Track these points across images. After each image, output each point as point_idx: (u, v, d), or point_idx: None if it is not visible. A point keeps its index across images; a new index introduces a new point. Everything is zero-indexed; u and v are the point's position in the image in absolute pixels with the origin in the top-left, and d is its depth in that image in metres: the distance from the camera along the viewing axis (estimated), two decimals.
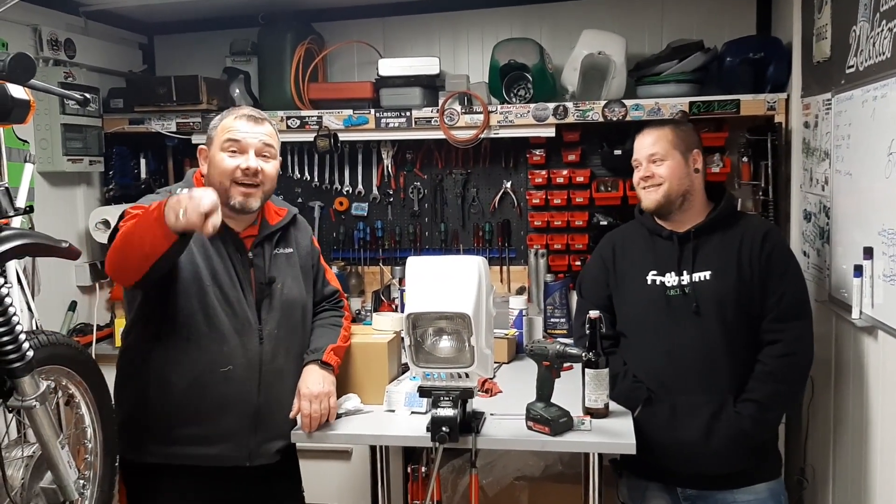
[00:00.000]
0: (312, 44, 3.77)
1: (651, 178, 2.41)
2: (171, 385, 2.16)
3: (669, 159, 2.39)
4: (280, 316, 2.28)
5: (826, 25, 2.65)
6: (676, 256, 2.40)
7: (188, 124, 3.67)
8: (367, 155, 3.89)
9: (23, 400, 1.61)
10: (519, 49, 3.41)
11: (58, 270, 3.42)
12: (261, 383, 2.23)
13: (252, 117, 2.22)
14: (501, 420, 2.34)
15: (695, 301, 2.34)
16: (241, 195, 2.18)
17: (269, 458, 2.28)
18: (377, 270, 3.92)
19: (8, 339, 1.55)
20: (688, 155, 2.41)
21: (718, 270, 2.35)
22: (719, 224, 2.41)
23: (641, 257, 2.48)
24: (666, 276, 2.40)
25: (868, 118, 2.26)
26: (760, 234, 2.37)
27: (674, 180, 2.39)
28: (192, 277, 2.15)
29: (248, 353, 2.21)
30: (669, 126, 2.46)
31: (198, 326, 2.16)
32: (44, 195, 3.38)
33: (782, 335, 2.30)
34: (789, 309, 2.31)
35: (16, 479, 1.68)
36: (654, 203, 2.42)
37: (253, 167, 2.17)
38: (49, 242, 1.75)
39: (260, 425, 2.24)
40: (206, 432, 2.19)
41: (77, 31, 3.59)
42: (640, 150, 2.45)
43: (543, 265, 3.67)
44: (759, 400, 2.28)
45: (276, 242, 2.34)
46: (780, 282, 2.32)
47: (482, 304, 2.11)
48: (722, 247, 2.38)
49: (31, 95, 1.73)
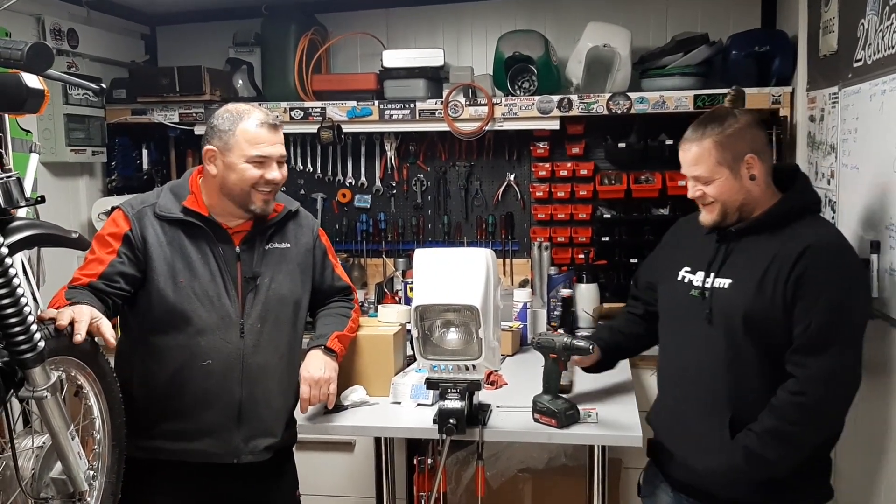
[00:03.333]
0: (316, 35, 3.76)
1: (702, 197, 2.15)
2: (152, 380, 2.17)
3: (717, 177, 2.10)
4: (264, 311, 2.26)
5: (833, 19, 2.65)
6: (710, 256, 2.19)
7: (191, 115, 3.66)
8: (371, 147, 3.89)
9: (34, 390, 1.61)
10: (524, 41, 3.40)
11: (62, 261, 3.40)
12: (243, 378, 2.22)
13: (272, 126, 2.23)
14: (508, 412, 2.35)
15: (709, 308, 2.14)
16: (263, 201, 2.23)
17: (257, 457, 2.26)
18: (380, 263, 3.92)
19: (20, 330, 1.55)
20: (738, 165, 2.08)
21: (738, 281, 2.11)
22: (766, 226, 2.12)
23: (686, 250, 2.30)
24: (696, 276, 2.20)
25: (876, 112, 2.25)
26: (799, 249, 2.02)
27: (726, 198, 2.11)
28: (167, 274, 2.19)
29: (228, 346, 2.21)
30: (711, 137, 2.10)
31: (174, 322, 2.18)
32: (46, 185, 3.37)
33: (799, 370, 2.01)
34: (814, 343, 1.99)
35: (26, 469, 1.68)
36: (711, 223, 2.17)
37: (280, 178, 2.23)
38: (59, 233, 1.75)
39: (244, 421, 2.23)
40: (188, 427, 2.20)
41: (80, 22, 3.57)
42: (685, 168, 2.18)
43: (547, 258, 3.67)
44: (758, 433, 2.04)
45: (271, 237, 2.33)
46: (809, 310, 1.99)
47: (490, 296, 2.11)
48: (755, 255, 2.11)
49: (46, 85, 1.72)
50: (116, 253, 2.18)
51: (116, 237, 2.20)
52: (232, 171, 2.20)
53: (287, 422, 2.35)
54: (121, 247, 2.19)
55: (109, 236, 2.21)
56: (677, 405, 2.26)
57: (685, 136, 2.17)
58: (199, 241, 2.24)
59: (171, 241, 2.22)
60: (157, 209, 2.23)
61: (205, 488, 2.25)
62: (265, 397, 2.26)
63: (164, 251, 2.20)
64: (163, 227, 2.22)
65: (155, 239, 2.21)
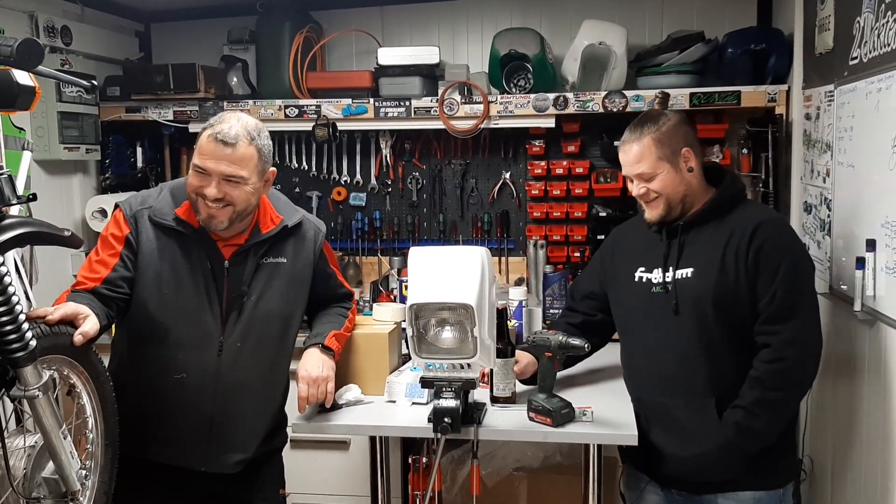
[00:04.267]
0: (311, 32, 3.75)
1: (646, 195, 2.28)
2: (130, 383, 2.14)
3: (659, 172, 2.24)
4: (246, 329, 2.23)
5: (829, 17, 2.65)
6: (664, 252, 2.31)
7: (185, 112, 3.64)
8: (366, 145, 3.87)
9: (25, 389, 1.60)
10: (519, 39, 3.39)
11: (55, 259, 3.40)
12: (216, 394, 2.20)
13: (222, 141, 2.09)
14: (502, 411, 2.34)
15: (675, 299, 2.25)
16: (206, 215, 2.15)
17: (227, 469, 2.24)
18: (375, 261, 3.91)
19: (11, 329, 1.54)
20: (677, 159, 2.25)
21: (700, 268, 2.23)
22: (711, 215, 2.27)
23: (634, 253, 2.41)
24: (653, 273, 2.32)
25: (872, 110, 2.25)
26: (751, 227, 2.20)
27: (669, 191, 2.25)
28: (153, 286, 2.18)
29: (204, 363, 2.19)
30: (649, 135, 2.25)
31: (154, 332, 2.17)
32: (40, 183, 3.35)
33: (773, 338, 2.16)
34: (781, 310, 2.15)
35: (18, 469, 1.67)
36: (657, 218, 2.29)
37: (212, 195, 2.11)
38: (51, 231, 1.73)
39: (215, 436, 2.21)
40: (163, 433, 2.19)
41: (73, 19, 3.55)
42: (627, 168, 2.31)
43: (542, 256, 3.67)
44: (745, 407, 2.16)
45: (267, 251, 2.28)
46: (772, 280, 2.16)
47: (485, 294, 2.10)
48: (709, 242, 2.25)
49: (38, 82, 1.71)
50: (119, 256, 2.17)
51: (119, 240, 2.19)
52: (189, 179, 2.18)
53: (267, 434, 2.32)
54: (123, 249, 2.18)
55: (113, 238, 2.20)
56: (658, 400, 2.31)
57: (623, 139, 2.32)
58: (190, 251, 2.21)
59: (162, 248, 2.19)
60: (154, 213, 2.21)
61: (182, 491, 2.24)
62: (240, 414, 2.24)
63: (154, 259, 2.18)
64: (156, 232, 2.20)
65: (147, 245, 2.19)
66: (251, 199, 2.18)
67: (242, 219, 2.21)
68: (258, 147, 2.16)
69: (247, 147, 2.13)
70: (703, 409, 2.22)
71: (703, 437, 2.21)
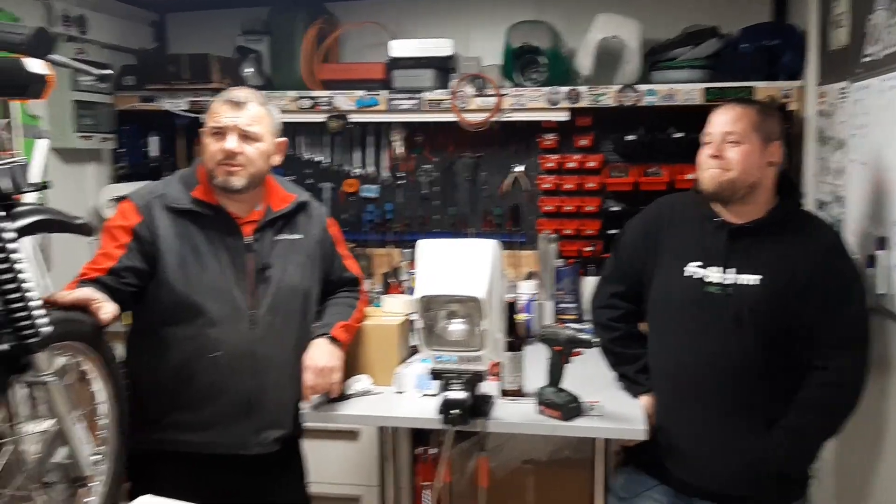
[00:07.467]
0: (324, 24, 3.75)
1: (720, 158, 2.13)
2: (161, 371, 2.18)
3: (746, 143, 2.12)
4: (274, 302, 2.27)
5: (844, 13, 2.63)
6: (725, 251, 2.17)
7: (199, 103, 3.65)
8: (378, 137, 3.87)
9: (39, 375, 1.62)
10: (533, 32, 3.39)
11: (70, 247, 3.41)
12: (252, 369, 2.23)
13: (232, 102, 2.22)
14: (511, 404, 2.35)
15: (737, 306, 2.13)
16: (223, 174, 2.21)
17: (265, 448, 2.27)
18: (386, 253, 3.92)
19: (25, 315, 1.55)
20: (767, 144, 2.14)
21: (769, 278, 2.12)
22: (781, 224, 2.16)
23: (685, 242, 2.26)
24: (709, 270, 2.18)
25: (886, 107, 2.24)
26: (826, 246, 2.13)
27: (745, 168, 2.12)
28: (177, 266, 2.19)
29: (238, 338, 2.21)
30: (757, 108, 2.19)
31: (184, 313, 2.19)
32: (54, 171, 3.37)
33: (832, 362, 2.08)
34: (845, 336, 2.09)
35: (30, 454, 1.69)
36: (714, 185, 2.15)
37: (228, 149, 2.18)
38: (64, 219, 1.75)
39: (253, 413, 2.24)
40: (197, 418, 2.21)
41: (89, 8, 3.57)
42: (716, 125, 2.17)
43: (553, 250, 3.66)
44: (796, 430, 2.10)
45: (281, 228, 2.34)
46: (839, 305, 2.08)
47: (494, 288, 2.11)
48: (779, 251, 2.13)
49: (52, 70, 1.72)
50: (125, 247, 2.18)
51: (125, 231, 2.20)
52: (205, 150, 2.23)
53: (296, 413, 2.35)
54: (130, 241, 2.19)
55: (118, 229, 2.21)
56: (693, 409, 2.22)
57: (725, 103, 2.23)
58: (210, 231, 2.24)
59: (181, 232, 2.21)
60: (167, 200, 2.23)
61: (211, 480, 2.23)
62: (275, 388, 2.27)
63: (175, 243, 2.20)
64: (172, 217, 2.22)
65: (165, 231, 2.20)
66: (265, 163, 2.26)
67: (256, 185, 2.26)
68: (269, 110, 2.28)
69: (258, 107, 2.24)
70: (749, 425, 2.15)
71: (742, 453, 2.14)
